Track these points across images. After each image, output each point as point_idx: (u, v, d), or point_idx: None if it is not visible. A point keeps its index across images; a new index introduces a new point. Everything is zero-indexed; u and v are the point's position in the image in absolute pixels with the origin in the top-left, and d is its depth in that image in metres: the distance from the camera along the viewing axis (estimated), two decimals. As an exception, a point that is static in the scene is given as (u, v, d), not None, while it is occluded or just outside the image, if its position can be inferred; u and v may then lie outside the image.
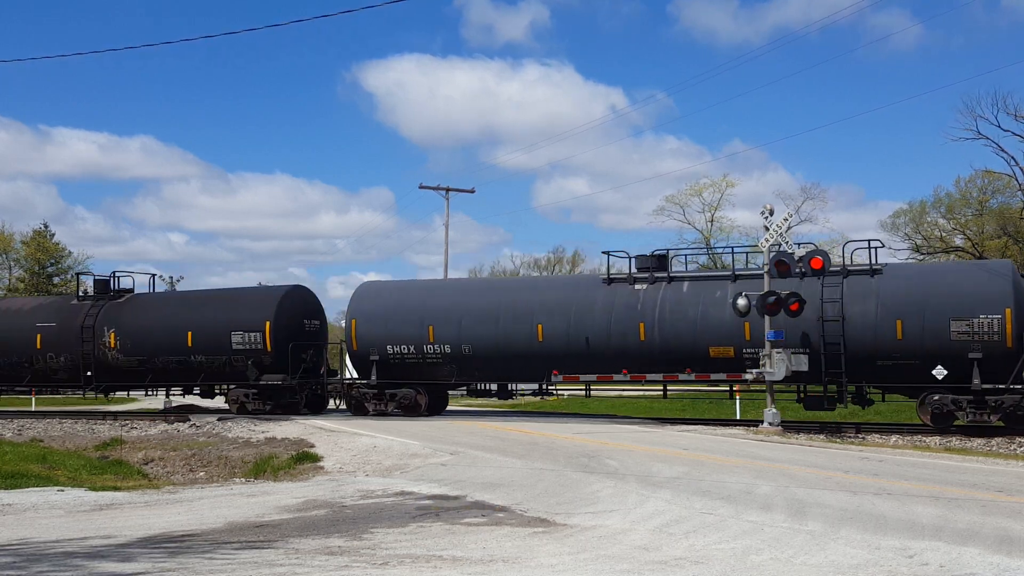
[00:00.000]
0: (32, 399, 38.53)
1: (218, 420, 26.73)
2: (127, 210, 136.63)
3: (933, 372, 21.49)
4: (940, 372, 21.47)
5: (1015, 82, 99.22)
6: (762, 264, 22.77)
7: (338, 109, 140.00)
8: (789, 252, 21.69)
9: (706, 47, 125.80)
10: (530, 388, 30.12)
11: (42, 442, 22.66)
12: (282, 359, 27.79)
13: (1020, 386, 21.21)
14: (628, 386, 28.60)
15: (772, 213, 21.94)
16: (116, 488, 14.91)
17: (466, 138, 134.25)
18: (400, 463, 16.14)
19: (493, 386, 27.56)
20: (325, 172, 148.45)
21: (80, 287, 35.58)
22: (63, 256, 71.16)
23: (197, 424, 26.22)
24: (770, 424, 21.64)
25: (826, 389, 23.26)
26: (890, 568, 7.93)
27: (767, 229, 21.88)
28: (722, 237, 62.97)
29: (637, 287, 24.70)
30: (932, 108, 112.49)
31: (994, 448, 19.70)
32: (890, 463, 15.32)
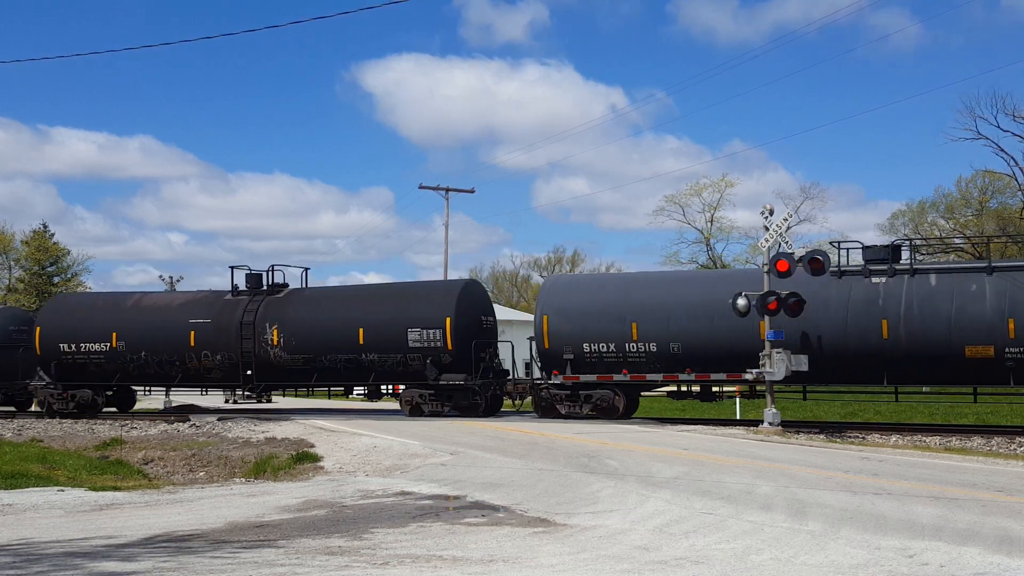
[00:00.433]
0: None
1: (218, 420, 26.74)
2: (126, 210, 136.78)
3: None
4: None
5: (1015, 82, 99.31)
6: (762, 264, 22.74)
7: (337, 109, 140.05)
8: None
9: (705, 46, 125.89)
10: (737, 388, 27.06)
11: (42, 442, 22.65)
12: (463, 358, 26.01)
13: None
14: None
15: (772, 213, 21.93)
16: (116, 488, 14.91)
17: (465, 138, 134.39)
18: (400, 463, 16.13)
19: (696, 387, 25.69)
20: (324, 172, 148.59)
21: (230, 281, 32.43)
22: (63, 256, 71.25)
23: (197, 424, 26.22)
24: (770, 424, 21.63)
25: None
26: (890, 568, 7.93)
27: (767, 229, 21.88)
28: (722, 237, 63.08)
29: (875, 280, 22.49)
30: (932, 108, 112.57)
31: (994, 448, 19.70)
32: (890, 463, 15.32)
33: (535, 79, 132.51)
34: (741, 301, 21.23)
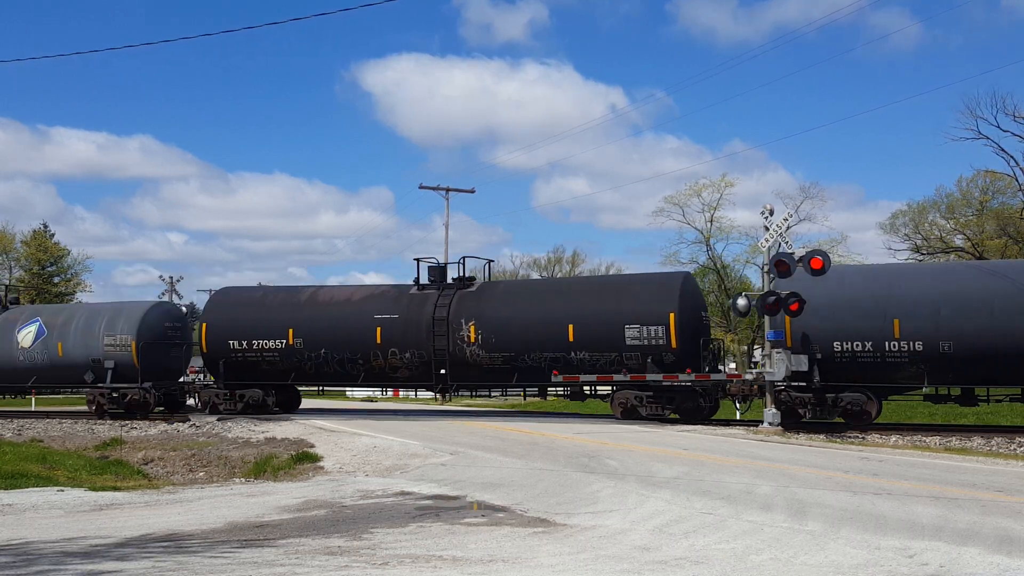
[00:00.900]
0: (32, 399, 38.39)
1: (218, 420, 26.73)
2: (126, 210, 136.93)
3: None
4: None
5: (1015, 82, 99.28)
6: (762, 264, 22.71)
7: (337, 109, 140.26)
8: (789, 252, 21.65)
9: (705, 46, 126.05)
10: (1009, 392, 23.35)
11: (42, 442, 22.65)
12: (687, 356, 24.24)
13: None
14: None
15: (772, 213, 21.94)
16: (116, 488, 14.90)
17: (465, 138, 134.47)
18: (400, 463, 16.13)
19: (956, 390, 23.18)
20: (324, 172, 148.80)
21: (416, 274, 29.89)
22: (63, 256, 71.25)
23: (197, 424, 26.22)
24: (770, 424, 21.62)
25: None
26: (890, 568, 7.93)
27: (767, 229, 21.88)
28: (722, 237, 63.07)
29: None
30: (932, 108, 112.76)
31: (994, 448, 19.69)
32: (890, 463, 15.31)
33: (535, 79, 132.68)
34: (741, 301, 21.23)
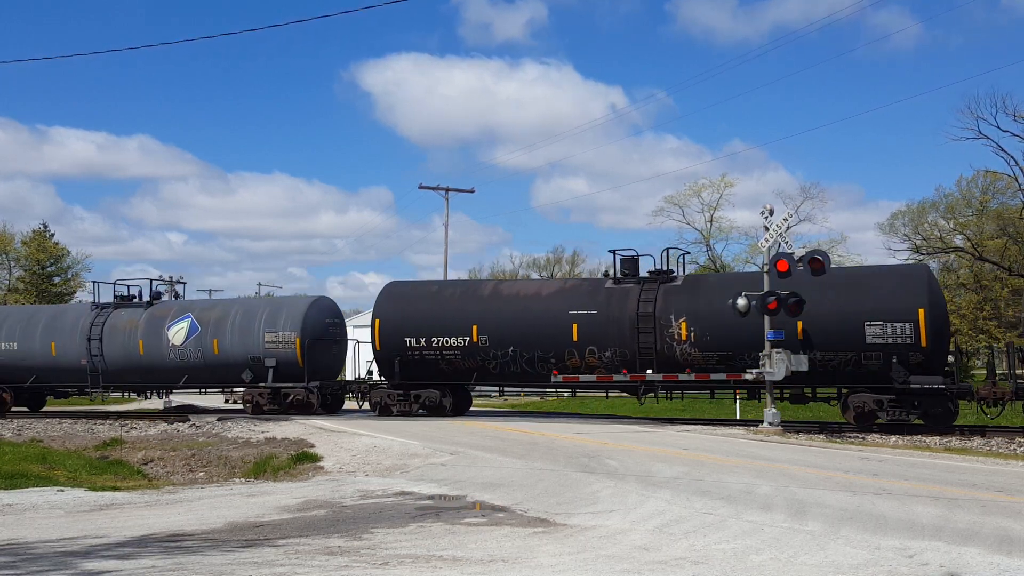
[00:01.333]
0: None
1: (218, 420, 26.74)
2: (125, 210, 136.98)
3: None
4: None
5: (1015, 82, 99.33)
6: (762, 264, 22.70)
7: (336, 109, 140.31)
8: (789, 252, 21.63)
9: (705, 46, 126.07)
10: None
11: (41, 442, 22.65)
12: (936, 357, 22.31)
13: None
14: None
15: (772, 213, 21.93)
16: (116, 488, 14.91)
17: (465, 137, 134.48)
18: (400, 463, 16.13)
19: None
20: (324, 172, 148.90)
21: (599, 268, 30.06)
22: (63, 256, 71.26)
23: (197, 424, 26.22)
24: (770, 424, 21.62)
25: None
26: (890, 568, 7.93)
27: (767, 229, 21.88)
28: (721, 237, 63.08)
29: None
30: (932, 108, 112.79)
31: (994, 448, 19.69)
32: (890, 463, 15.31)
33: (534, 78, 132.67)
34: (741, 301, 21.22)
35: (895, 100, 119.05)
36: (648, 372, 24.08)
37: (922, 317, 21.98)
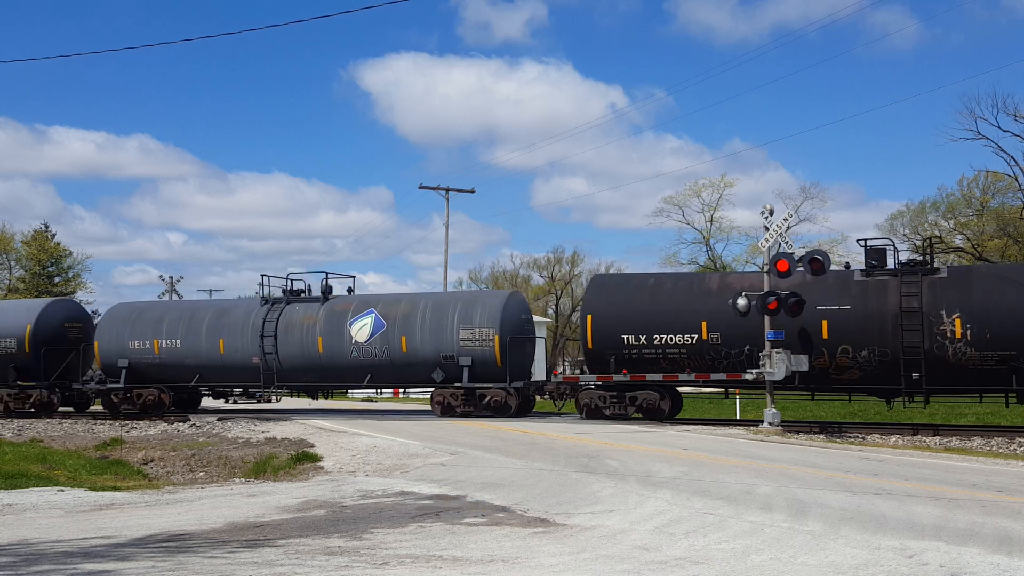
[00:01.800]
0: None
1: (218, 420, 26.75)
2: (125, 209, 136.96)
3: None
4: None
5: (1015, 82, 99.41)
6: (762, 264, 22.68)
7: (335, 108, 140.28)
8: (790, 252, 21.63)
9: (705, 45, 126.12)
10: None
11: (42, 442, 22.66)
12: None
13: None
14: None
15: (772, 213, 21.94)
16: (116, 488, 14.91)
17: (464, 137, 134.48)
18: (400, 463, 16.13)
19: None
20: (323, 171, 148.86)
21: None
22: (63, 256, 71.27)
23: (197, 424, 26.23)
24: (770, 424, 21.62)
25: None
26: (890, 568, 7.93)
27: (767, 229, 21.88)
28: (721, 237, 63.10)
29: None
30: (932, 108, 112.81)
31: (994, 448, 19.70)
32: (890, 463, 15.31)
33: (534, 78, 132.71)
34: (741, 301, 21.22)
35: (895, 100, 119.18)
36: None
37: None
